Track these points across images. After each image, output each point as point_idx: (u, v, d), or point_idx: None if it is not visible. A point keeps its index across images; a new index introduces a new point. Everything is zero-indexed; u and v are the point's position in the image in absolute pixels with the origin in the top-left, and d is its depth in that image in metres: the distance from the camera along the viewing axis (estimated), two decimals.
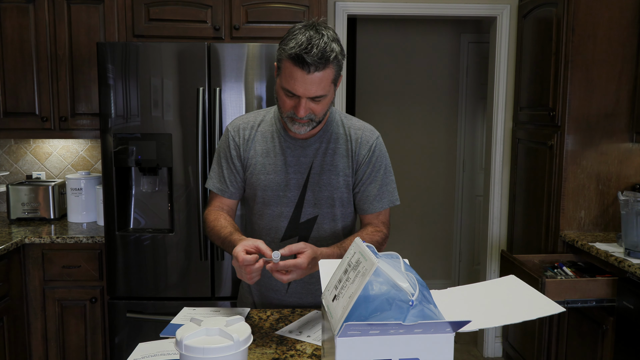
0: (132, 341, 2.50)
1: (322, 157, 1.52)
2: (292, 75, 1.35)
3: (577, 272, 2.47)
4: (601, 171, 2.70)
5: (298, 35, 1.34)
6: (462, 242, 4.68)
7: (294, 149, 1.52)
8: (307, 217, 1.54)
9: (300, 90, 1.35)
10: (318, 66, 1.33)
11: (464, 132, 4.59)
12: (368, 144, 1.54)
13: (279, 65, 1.40)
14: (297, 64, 1.33)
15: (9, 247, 2.43)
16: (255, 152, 1.54)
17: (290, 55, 1.33)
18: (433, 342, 0.88)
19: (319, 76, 1.34)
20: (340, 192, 1.53)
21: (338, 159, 1.52)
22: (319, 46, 1.32)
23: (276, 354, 1.24)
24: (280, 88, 1.41)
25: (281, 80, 1.39)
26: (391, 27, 4.48)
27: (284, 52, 1.36)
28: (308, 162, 1.52)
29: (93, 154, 3.20)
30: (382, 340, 0.87)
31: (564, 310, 1.07)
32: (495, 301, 1.13)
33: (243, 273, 1.28)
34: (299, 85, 1.35)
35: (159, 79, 2.44)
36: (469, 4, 3.25)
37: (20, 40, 2.76)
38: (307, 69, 1.32)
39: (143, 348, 1.25)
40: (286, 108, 1.41)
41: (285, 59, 1.35)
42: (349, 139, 1.54)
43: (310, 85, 1.35)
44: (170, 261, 2.52)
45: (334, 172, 1.52)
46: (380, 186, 1.55)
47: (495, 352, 3.49)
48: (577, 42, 2.62)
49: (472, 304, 1.11)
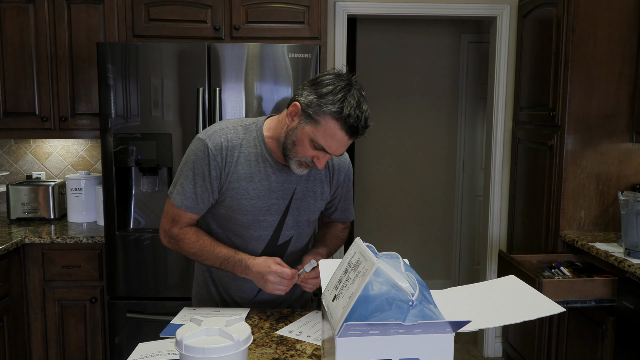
0: (132, 341, 2.50)
1: (305, 183, 1.52)
2: (333, 137, 1.31)
3: (574, 273, 2.47)
4: (601, 171, 2.70)
5: (347, 95, 1.29)
6: (462, 242, 4.68)
7: (279, 175, 1.48)
8: (284, 239, 1.56)
9: (336, 151, 1.35)
10: (360, 134, 1.34)
11: (464, 132, 4.59)
12: (344, 169, 1.59)
13: (315, 118, 1.32)
14: (345, 128, 1.30)
15: (9, 247, 2.43)
16: (239, 176, 1.45)
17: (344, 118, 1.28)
18: (433, 342, 0.88)
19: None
20: (316, 214, 1.60)
21: (317, 184, 1.54)
22: (367, 117, 1.31)
23: (276, 354, 1.24)
24: (307, 138, 1.34)
25: (314, 134, 1.33)
26: (391, 27, 4.48)
27: (331, 110, 1.29)
28: (291, 189, 1.51)
29: (93, 154, 3.20)
30: (382, 340, 0.87)
31: (564, 310, 1.07)
32: (496, 301, 1.13)
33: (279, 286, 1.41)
34: (338, 147, 1.34)
35: (159, 79, 2.44)
36: (469, 4, 3.25)
37: (20, 40, 2.76)
38: (353, 137, 1.33)
39: (143, 348, 1.25)
40: (305, 155, 1.37)
41: (332, 118, 1.30)
42: (327, 166, 1.55)
43: (345, 146, 1.36)
44: (170, 261, 2.52)
45: (313, 197, 1.54)
46: (349, 200, 1.68)
47: (495, 352, 3.49)
48: (577, 42, 2.62)
49: (472, 304, 1.11)
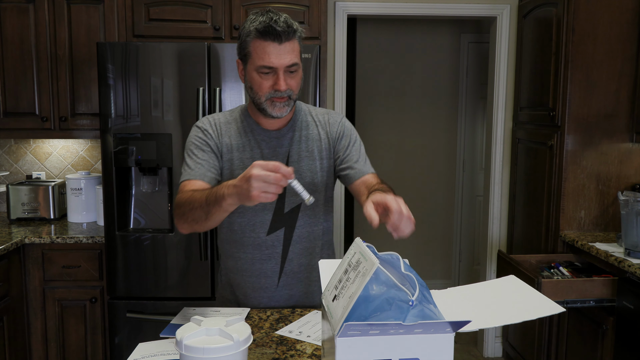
0: (132, 341, 2.50)
1: (298, 145, 1.54)
2: (265, 50, 1.38)
3: (574, 273, 2.48)
4: (601, 171, 2.70)
5: (258, 17, 1.40)
6: (462, 242, 4.68)
7: (269, 141, 1.53)
8: (291, 206, 1.55)
9: (277, 62, 1.39)
10: (288, 34, 1.39)
11: (464, 132, 4.59)
12: (337, 122, 1.60)
13: (246, 52, 1.43)
14: (267, 37, 1.37)
15: (9, 247, 2.43)
16: (231, 146, 1.52)
17: (258, 30, 1.38)
18: (433, 342, 0.88)
19: (289, 46, 1.40)
20: (321, 175, 1.56)
21: (312, 144, 1.55)
22: (281, 19, 1.39)
23: (276, 354, 1.24)
24: (253, 72, 1.42)
25: (253, 63, 1.41)
26: (391, 27, 4.48)
27: (250, 34, 1.40)
28: (285, 152, 1.54)
29: (93, 154, 3.20)
30: (382, 341, 0.87)
31: (564, 310, 1.07)
32: (495, 301, 1.12)
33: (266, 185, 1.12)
34: (274, 57, 1.38)
35: (159, 79, 2.44)
36: (469, 4, 3.25)
37: (20, 40, 2.76)
38: (278, 40, 1.38)
39: (143, 348, 1.25)
40: (264, 89, 1.42)
41: (254, 39, 1.39)
42: (317, 124, 1.58)
43: (284, 54, 1.39)
44: (170, 261, 2.52)
45: (311, 158, 1.55)
46: (362, 154, 1.59)
47: (495, 352, 3.49)
48: (577, 42, 2.62)
49: (471, 304, 1.11)
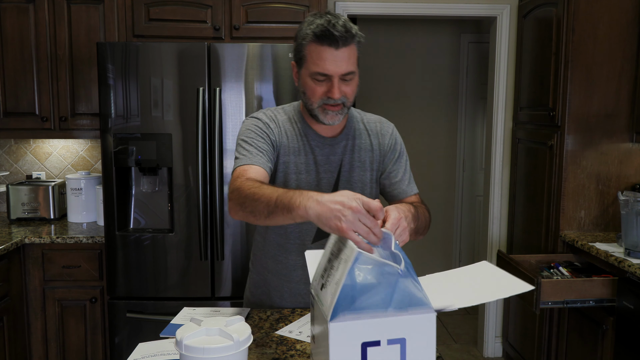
0: (132, 341, 2.50)
1: (351, 154, 1.51)
2: (320, 56, 1.32)
3: (573, 273, 2.48)
4: (601, 171, 2.70)
5: (315, 20, 1.34)
6: (462, 242, 4.68)
7: (323, 148, 1.49)
8: None
9: (332, 69, 1.33)
10: (345, 40, 1.31)
11: (464, 132, 4.59)
12: (388, 133, 1.56)
13: (302, 55, 1.37)
14: (324, 41, 1.31)
15: (9, 247, 2.43)
16: (288, 148, 1.47)
17: (315, 34, 1.31)
18: (416, 323, 0.94)
19: (347, 52, 1.33)
20: (370, 187, 1.53)
21: (363, 154, 1.52)
22: (340, 22, 1.31)
23: (276, 354, 1.24)
24: (307, 77, 1.37)
25: (308, 69, 1.36)
26: (391, 27, 4.48)
27: (307, 37, 1.33)
28: (337, 160, 1.50)
29: (93, 154, 3.20)
30: (370, 323, 0.92)
31: (533, 288, 1.11)
32: (469, 284, 1.18)
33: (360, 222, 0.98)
34: (330, 64, 1.32)
35: (159, 79, 2.44)
36: (469, 4, 3.25)
37: (20, 40, 2.76)
38: (335, 45, 1.31)
39: (143, 348, 1.25)
40: (317, 96, 1.37)
41: (310, 43, 1.33)
42: (369, 134, 1.54)
43: (340, 61, 1.33)
44: (170, 261, 2.52)
45: (362, 168, 1.51)
46: (408, 170, 1.57)
47: (495, 352, 3.49)
48: (577, 42, 2.62)
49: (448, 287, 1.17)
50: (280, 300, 1.58)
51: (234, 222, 2.50)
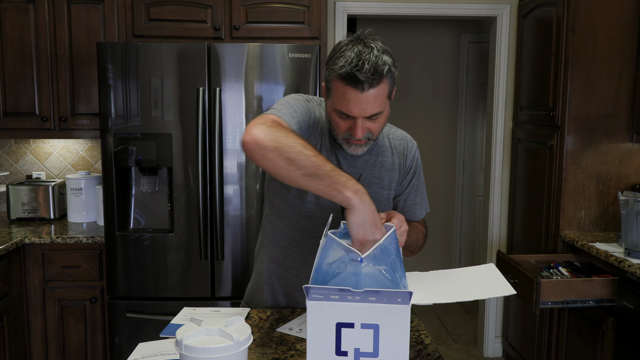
0: (132, 341, 2.50)
1: (371, 170, 1.47)
2: (344, 96, 1.26)
3: (573, 273, 2.48)
4: (601, 171, 2.70)
5: (346, 52, 1.25)
6: (462, 242, 4.68)
7: (346, 157, 1.44)
8: None
9: (355, 111, 1.27)
10: (372, 83, 1.23)
11: (464, 132, 4.59)
12: (411, 154, 1.53)
13: (329, 87, 1.31)
14: (349, 83, 1.24)
15: (9, 247, 2.43)
16: (316, 145, 1.43)
17: (340, 74, 1.24)
18: (389, 311, 0.97)
19: (373, 93, 1.25)
20: (382, 205, 1.50)
21: (384, 172, 1.49)
22: (370, 61, 1.22)
23: (276, 354, 1.24)
24: (332, 110, 1.32)
25: (333, 102, 1.30)
26: (391, 27, 4.48)
27: (333, 72, 1.27)
28: (356, 174, 1.45)
29: (93, 154, 3.20)
30: (344, 306, 0.97)
31: (515, 293, 1.11)
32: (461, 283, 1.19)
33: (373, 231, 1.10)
34: (354, 106, 1.26)
35: (159, 79, 2.44)
36: (469, 4, 3.25)
37: (20, 40, 2.76)
38: (360, 88, 1.23)
39: (143, 348, 1.25)
40: (341, 130, 1.33)
41: (336, 79, 1.26)
42: (393, 152, 1.51)
43: (365, 104, 1.26)
44: (170, 261, 2.52)
45: (379, 186, 1.48)
46: (421, 194, 1.56)
47: (495, 352, 3.49)
48: (577, 42, 2.62)
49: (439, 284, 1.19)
50: (282, 293, 1.56)
51: (234, 222, 2.50)
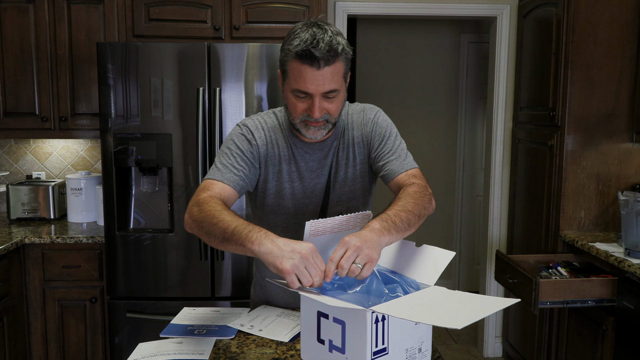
0: (132, 341, 2.50)
1: (338, 153, 1.48)
2: (301, 74, 1.28)
3: (572, 273, 2.48)
4: (601, 171, 2.70)
5: (300, 33, 1.28)
6: (462, 242, 4.68)
7: (313, 153, 1.46)
8: None
9: (312, 88, 1.29)
10: (328, 60, 1.26)
11: (464, 132, 4.59)
12: (371, 121, 1.49)
13: (285, 69, 1.33)
14: (305, 61, 1.26)
15: (9, 247, 2.43)
16: (280, 157, 1.45)
17: (296, 53, 1.26)
18: (351, 313, 1.06)
19: (329, 71, 1.28)
20: (362, 181, 1.50)
21: (350, 150, 1.48)
22: (324, 40, 1.26)
23: (276, 354, 1.24)
24: (289, 92, 1.34)
25: (289, 84, 1.32)
26: (391, 27, 4.48)
27: (289, 53, 1.29)
28: (329, 163, 1.48)
29: (93, 154, 3.20)
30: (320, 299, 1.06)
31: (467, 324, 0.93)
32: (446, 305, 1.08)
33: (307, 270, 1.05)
34: (310, 83, 1.28)
35: (159, 79, 2.44)
36: (469, 4, 3.25)
37: (20, 40, 2.76)
38: (316, 65, 1.26)
39: (143, 348, 1.25)
40: (298, 112, 1.34)
41: (292, 59, 1.28)
42: (354, 126, 1.49)
43: (321, 80, 1.28)
44: (170, 261, 2.52)
45: (348, 165, 1.49)
46: (398, 156, 1.46)
47: (495, 352, 3.49)
48: (577, 42, 2.62)
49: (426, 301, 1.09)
50: (285, 296, 1.57)
51: None
